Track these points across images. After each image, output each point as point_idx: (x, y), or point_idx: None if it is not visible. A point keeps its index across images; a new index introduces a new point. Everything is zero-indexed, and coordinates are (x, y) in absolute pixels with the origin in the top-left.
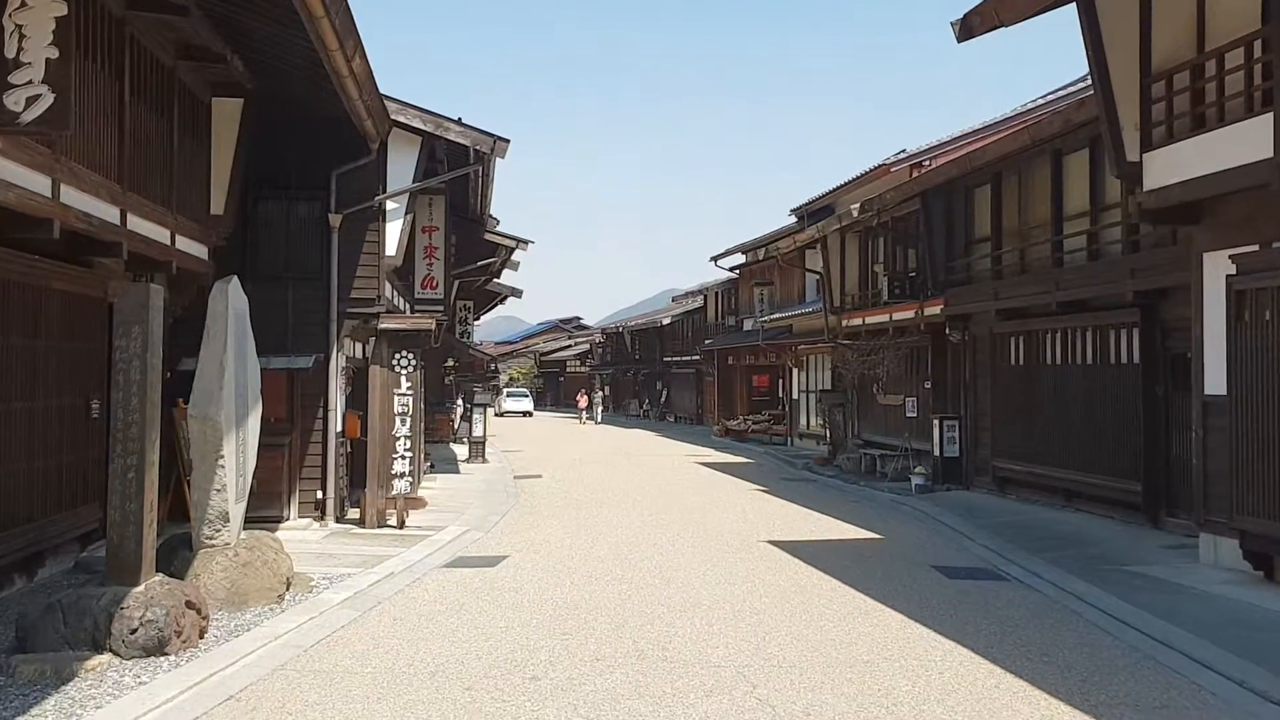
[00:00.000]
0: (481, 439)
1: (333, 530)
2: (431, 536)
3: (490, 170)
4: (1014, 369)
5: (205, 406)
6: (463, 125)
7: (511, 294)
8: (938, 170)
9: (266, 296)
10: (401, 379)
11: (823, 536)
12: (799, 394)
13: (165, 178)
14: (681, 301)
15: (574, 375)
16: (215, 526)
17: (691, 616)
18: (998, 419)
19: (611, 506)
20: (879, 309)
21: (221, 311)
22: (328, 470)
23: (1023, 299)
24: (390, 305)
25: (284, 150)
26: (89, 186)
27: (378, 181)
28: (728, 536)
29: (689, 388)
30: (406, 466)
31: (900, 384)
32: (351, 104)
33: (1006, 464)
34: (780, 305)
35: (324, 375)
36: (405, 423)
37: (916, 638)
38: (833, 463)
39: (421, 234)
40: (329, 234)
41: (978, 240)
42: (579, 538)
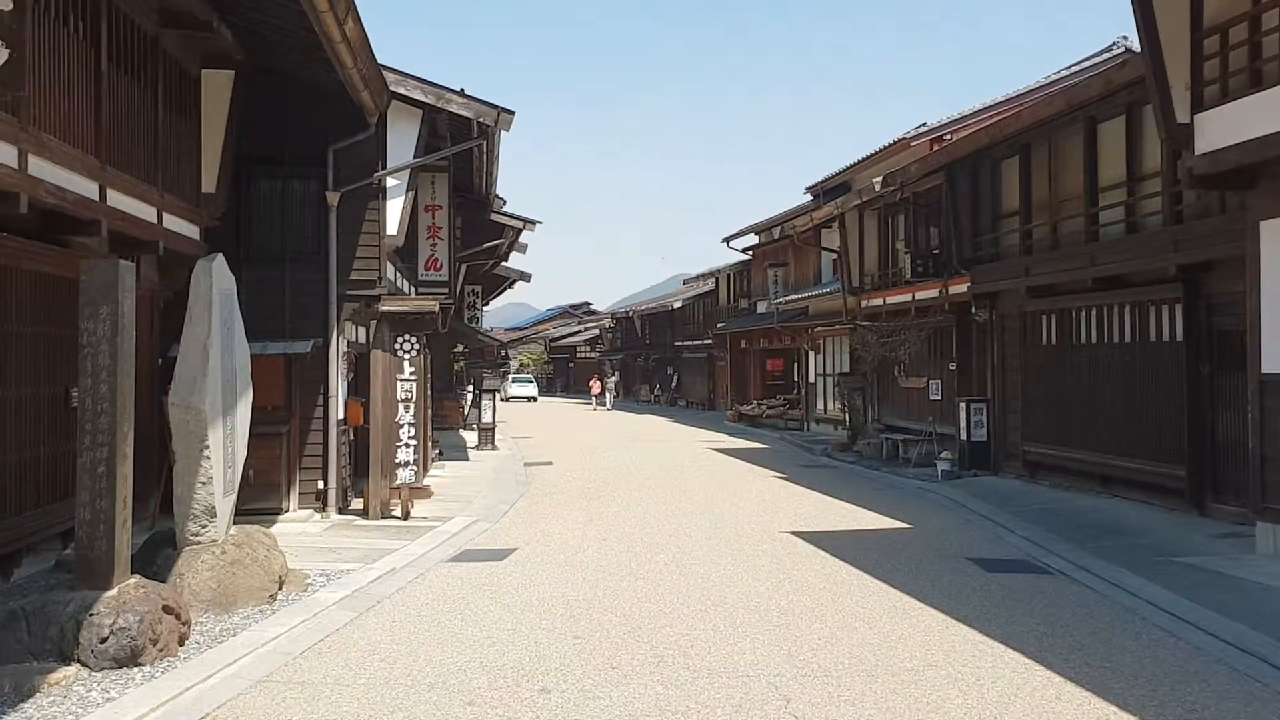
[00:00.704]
0: (491, 426)
1: (334, 522)
2: (437, 528)
3: (495, 145)
4: (1045, 349)
5: (188, 394)
6: (465, 97)
7: (520, 278)
8: (966, 140)
9: (263, 278)
10: (405, 364)
11: (848, 526)
12: (815, 377)
13: (150, 153)
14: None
15: (584, 361)
16: (201, 522)
17: (714, 617)
18: (1028, 401)
19: (624, 495)
20: (900, 288)
21: (205, 292)
22: (329, 459)
23: (1055, 275)
24: (393, 287)
25: (278, 125)
26: (62, 159)
27: (377, 157)
28: (747, 527)
29: (700, 372)
30: (411, 455)
31: (923, 366)
32: (346, 73)
33: (1037, 448)
34: (795, 287)
35: (324, 360)
36: (409, 409)
37: (961, 640)
38: (852, 448)
39: (424, 213)
40: (327, 213)
41: (1005, 215)
42: (591, 529)
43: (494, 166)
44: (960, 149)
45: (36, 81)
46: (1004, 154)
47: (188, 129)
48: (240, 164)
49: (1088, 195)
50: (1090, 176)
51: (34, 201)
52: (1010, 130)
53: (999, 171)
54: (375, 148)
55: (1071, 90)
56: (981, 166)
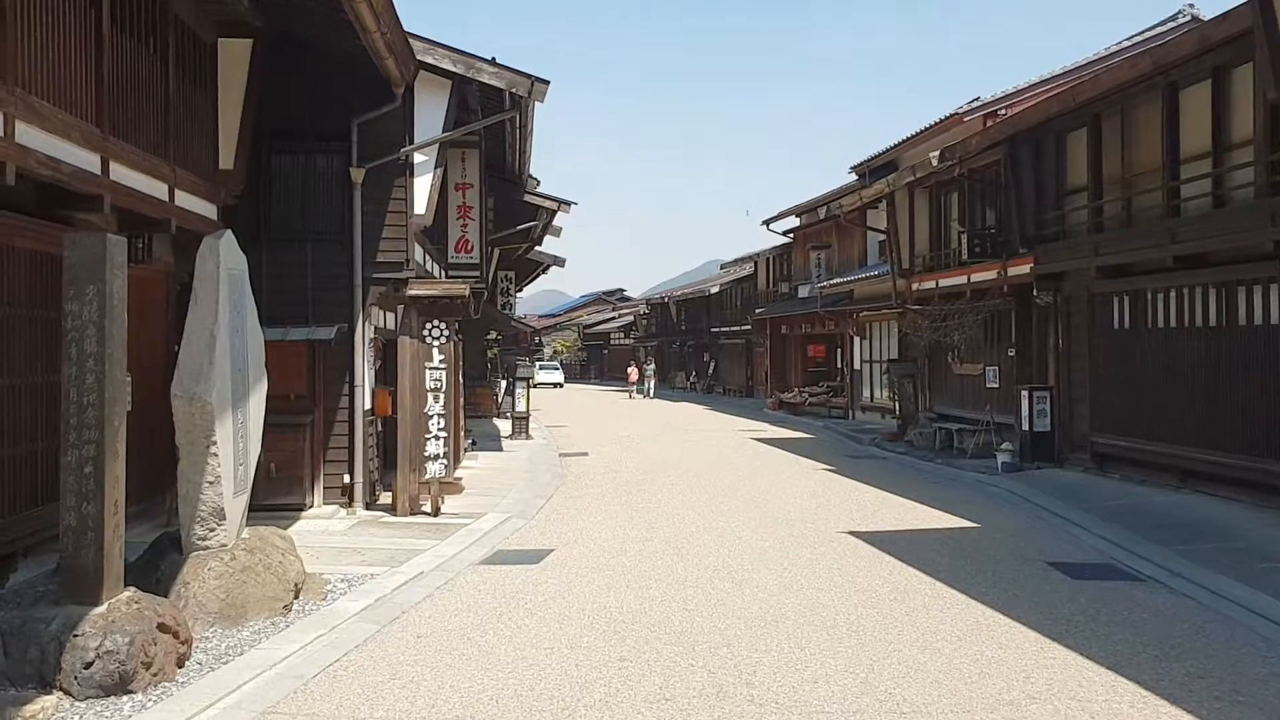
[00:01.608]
0: (525, 415)
1: (361, 519)
2: (469, 525)
3: (528, 119)
4: (1116, 333)
5: (192, 384)
6: (497, 66)
7: (554, 262)
8: (1033, 108)
9: (284, 260)
10: (434, 351)
11: (909, 525)
12: (861, 364)
13: (161, 125)
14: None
15: (618, 347)
16: (208, 525)
17: (775, 634)
18: (1096, 389)
19: (665, 489)
20: (955, 270)
21: (211, 272)
22: (355, 452)
23: (1128, 254)
24: (421, 270)
25: (300, 98)
26: (57, 127)
27: (404, 131)
28: (801, 526)
29: (739, 359)
30: (441, 448)
31: (979, 352)
32: (369, 38)
33: (1107, 439)
34: (839, 270)
35: (349, 347)
36: (439, 399)
37: (1062, 665)
38: (903, 438)
39: (454, 192)
40: (351, 190)
41: (1071, 191)
42: (632, 527)
43: (527, 142)
44: (1026, 119)
45: (25, 42)
46: (1070, 126)
47: (203, 101)
48: (260, 139)
49: (1166, 168)
50: (1170, 148)
51: (24, 172)
52: (1084, 97)
53: (1064, 145)
54: (402, 121)
55: (1159, 50)
56: (1045, 140)
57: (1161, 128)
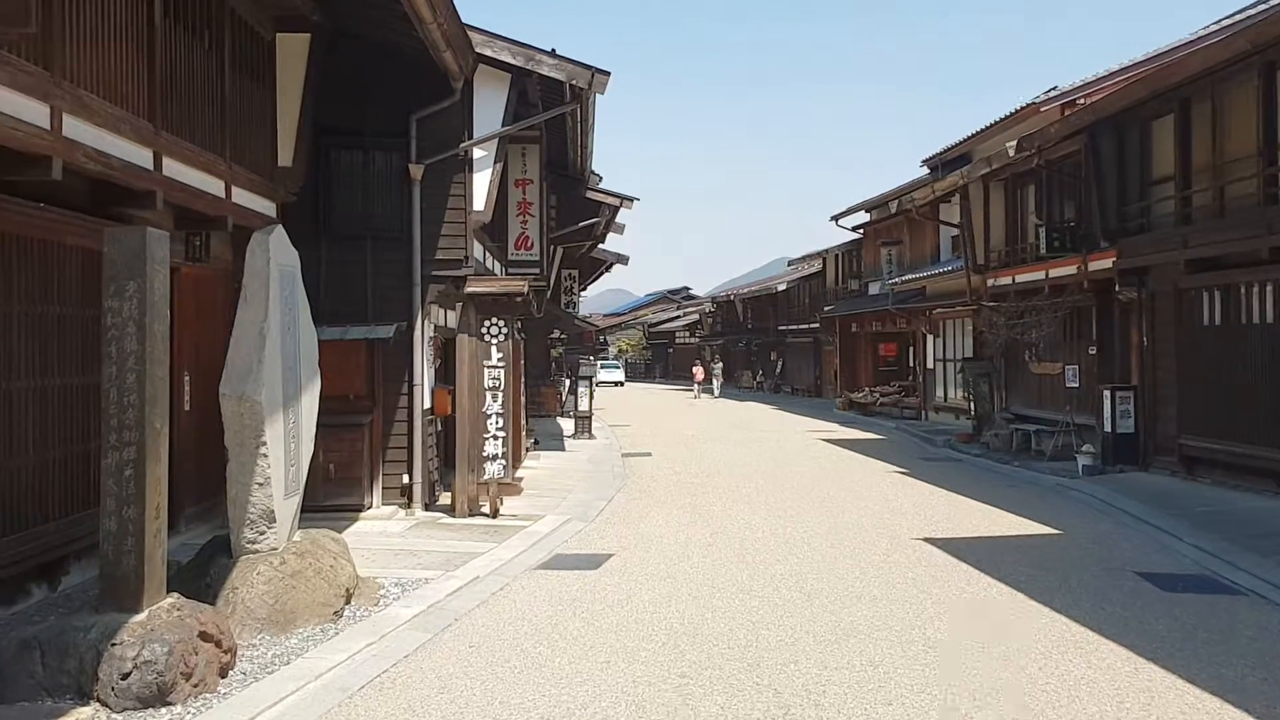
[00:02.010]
0: (587, 414)
1: (419, 520)
2: (527, 528)
3: (589, 112)
4: (1206, 330)
5: (241, 383)
6: (557, 57)
7: (618, 260)
8: (1118, 93)
9: (343, 259)
10: (492, 349)
11: (986, 531)
12: (934, 363)
13: (217, 121)
14: (798, 266)
15: (683, 346)
16: (258, 528)
17: (846, 651)
18: (1184, 389)
19: (730, 492)
20: (1032, 265)
21: (261, 268)
22: (414, 452)
23: (1221, 246)
24: (481, 268)
25: (358, 93)
26: (106, 121)
27: (463, 126)
28: (872, 532)
29: (806, 358)
30: (499, 448)
31: (1057, 350)
32: (426, 30)
33: (1196, 442)
34: (910, 266)
35: (408, 346)
36: (497, 399)
37: (1159, 688)
38: (978, 439)
39: (514, 188)
40: (410, 186)
41: (1157, 181)
42: (695, 531)
43: (588, 137)
44: (1110, 105)
45: (74, 34)
46: (1156, 112)
47: (261, 97)
48: (318, 136)
49: (1263, 154)
50: (1268, 132)
51: (72, 167)
52: (1174, 80)
53: (1149, 132)
54: (461, 116)
55: (1255, 28)
56: (1129, 128)
57: (1257, 111)
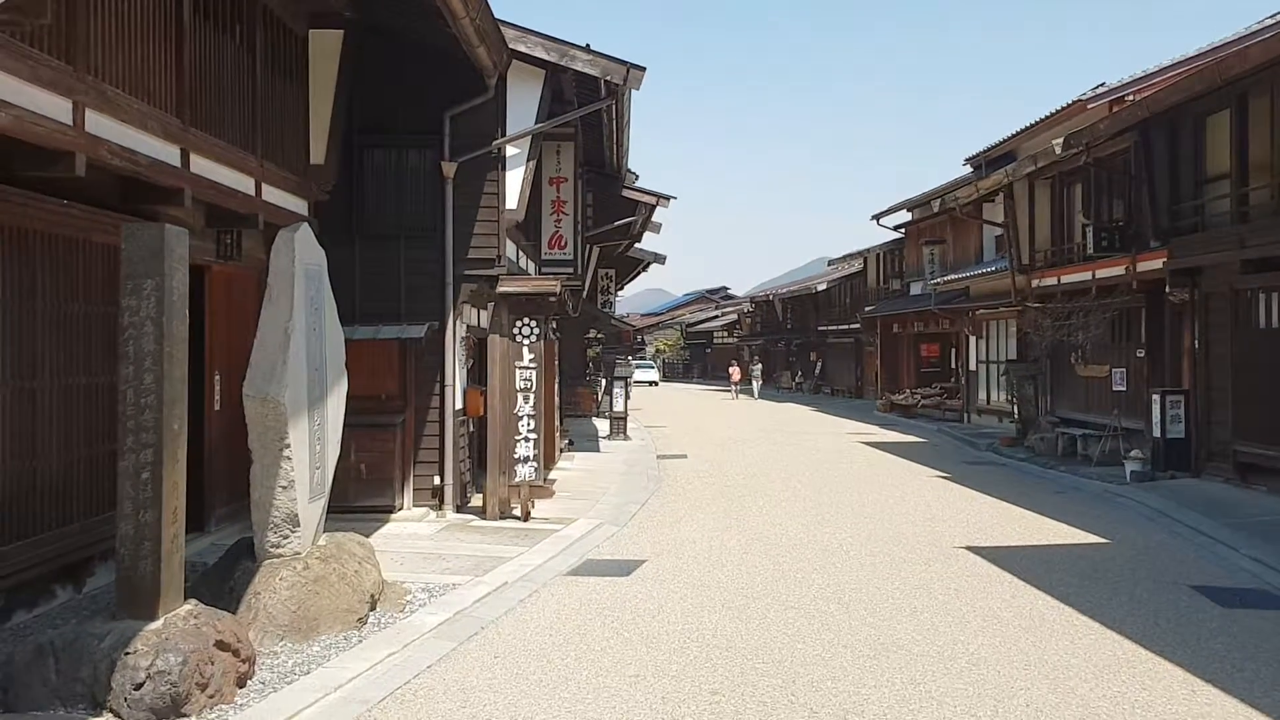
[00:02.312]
0: (623, 415)
1: (450, 522)
2: (559, 532)
3: (625, 109)
4: (1264, 333)
5: (264, 384)
6: (591, 53)
7: (655, 260)
8: (1172, 88)
9: (376, 257)
10: (524, 350)
11: (1033, 540)
12: (976, 365)
13: (247, 118)
14: (838, 266)
15: (721, 347)
16: (282, 532)
17: (885, 666)
18: (1239, 393)
19: (766, 496)
20: (1078, 265)
21: (285, 267)
22: (445, 453)
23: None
24: (514, 267)
25: (391, 90)
26: (131, 116)
27: (496, 124)
28: (913, 539)
29: (847, 359)
30: (531, 450)
31: (1105, 352)
32: (458, 24)
33: (1252, 448)
34: (954, 266)
35: (440, 346)
36: (529, 400)
37: (1219, 713)
38: (1023, 443)
39: (548, 186)
40: (443, 185)
41: (1211, 179)
42: (729, 537)
43: (624, 135)
44: (1163, 99)
45: (98, 27)
46: (1211, 108)
47: (293, 93)
48: (351, 133)
49: None
50: None
51: (96, 163)
52: (1233, 72)
53: (1203, 129)
54: (494, 113)
55: None
56: (1182, 124)
57: None
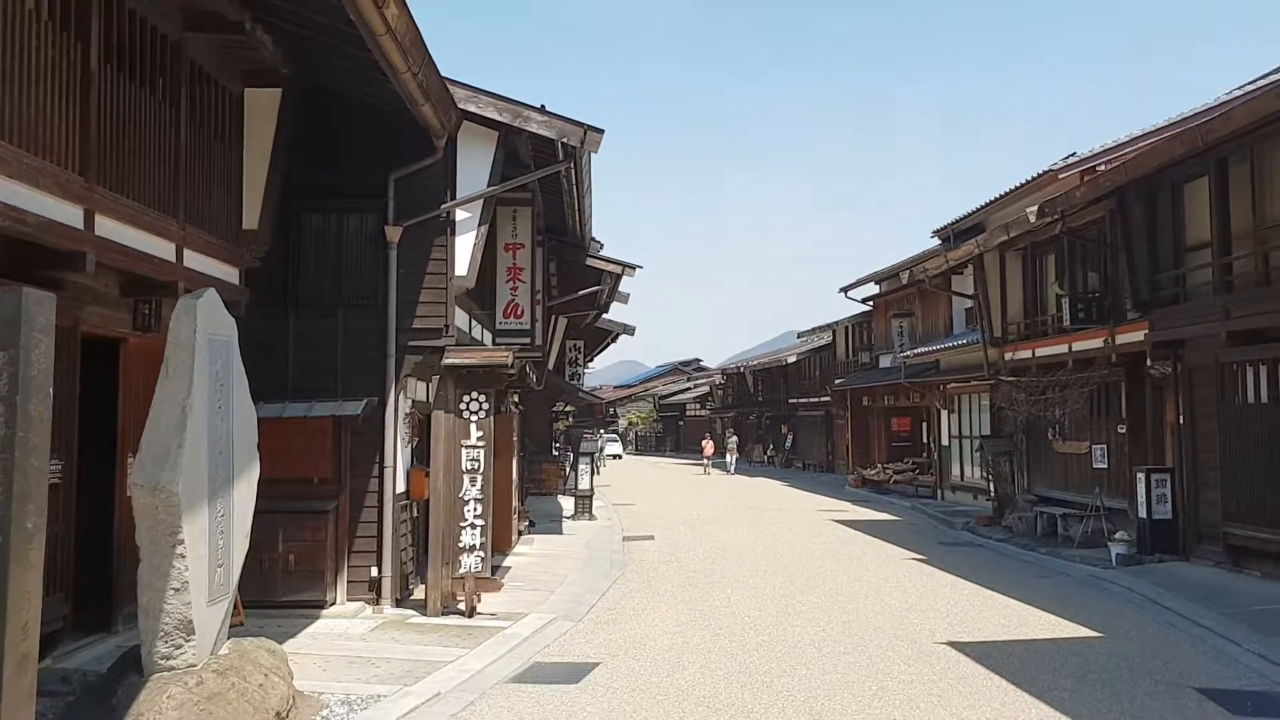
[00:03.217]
0: (588, 493)
1: (387, 619)
2: (506, 629)
3: (583, 174)
4: (1252, 408)
5: (156, 471)
6: (546, 114)
7: (623, 331)
8: (1150, 152)
9: (313, 328)
10: (471, 427)
11: (1019, 634)
12: (949, 439)
13: (169, 179)
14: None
15: (693, 419)
16: (174, 641)
17: None
18: (1228, 472)
19: (735, 583)
20: (1054, 338)
21: (186, 338)
22: (384, 541)
23: (1268, 317)
24: (465, 337)
25: (333, 152)
26: (23, 174)
27: (445, 186)
28: (891, 634)
29: (818, 432)
30: (477, 538)
31: (1083, 428)
32: (400, 80)
33: (1244, 529)
34: (923, 339)
35: (380, 423)
36: (476, 482)
37: None
38: (1000, 523)
39: (504, 252)
40: (386, 250)
41: (1191, 248)
42: (693, 633)
43: (585, 200)
44: (1141, 165)
45: None
46: (1189, 174)
47: (225, 154)
48: (289, 196)
49: None
50: None
51: None
52: (1217, 134)
53: (1181, 196)
54: (443, 175)
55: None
56: (1159, 191)
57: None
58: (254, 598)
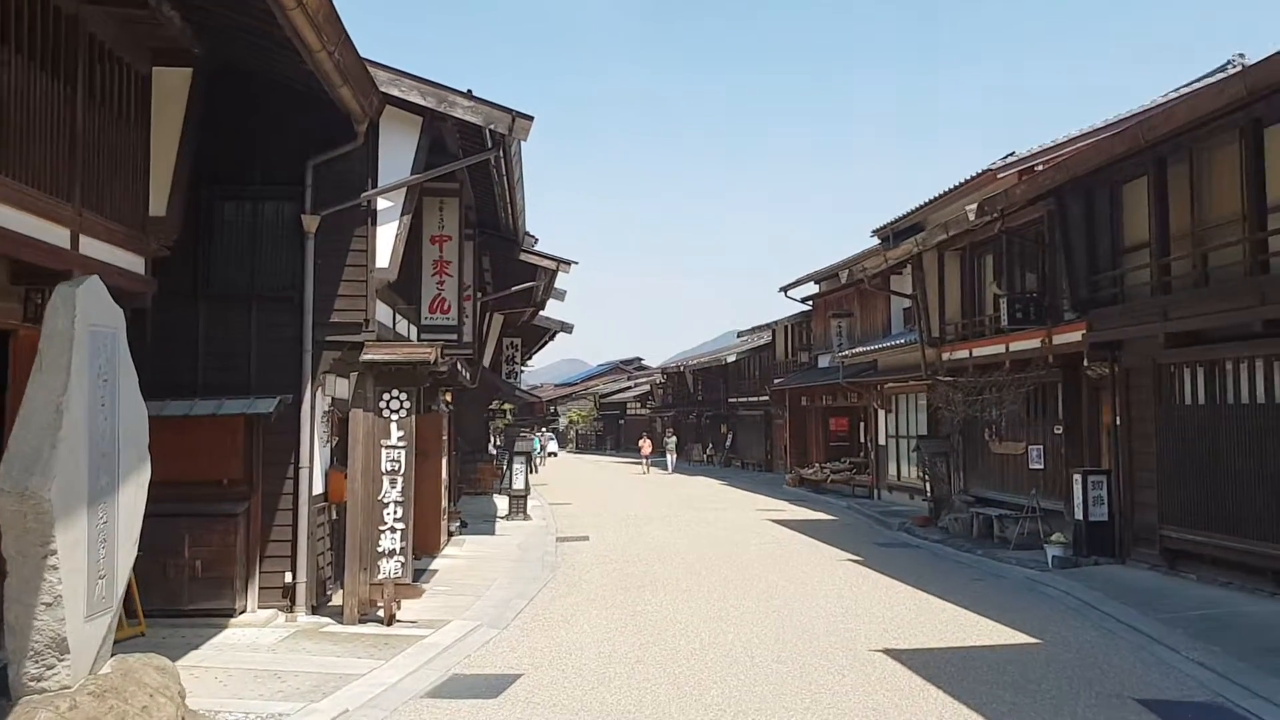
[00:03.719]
0: (522, 493)
1: (300, 628)
2: (426, 638)
3: (513, 164)
4: (1189, 410)
5: (24, 476)
6: (474, 99)
7: (561, 329)
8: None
9: (224, 321)
10: (391, 426)
11: (957, 640)
12: (886, 439)
13: (64, 162)
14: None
15: (634, 418)
16: (45, 660)
17: None
18: (1165, 474)
19: (669, 585)
20: (991, 339)
21: (63, 329)
22: (298, 545)
23: (1205, 319)
24: (389, 332)
25: (248, 136)
26: None
27: (367, 174)
28: (826, 640)
29: (757, 431)
30: (397, 542)
31: (1021, 428)
32: (315, 59)
33: (1180, 533)
34: (861, 339)
35: (295, 422)
36: (396, 484)
37: None
38: (936, 524)
39: (430, 245)
40: (304, 240)
41: (1130, 248)
42: (623, 640)
43: (515, 193)
44: (1083, 162)
45: None
46: (1128, 174)
47: (129, 137)
48: (200, 182)
49: (1251, 218)
50: (1254, 194)
51: None
52: (1159, 131)
53: (1120, 197)
54: (365, 163)
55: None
56: (1098, 191)
57: (1244, 171)
58: (159, 606)
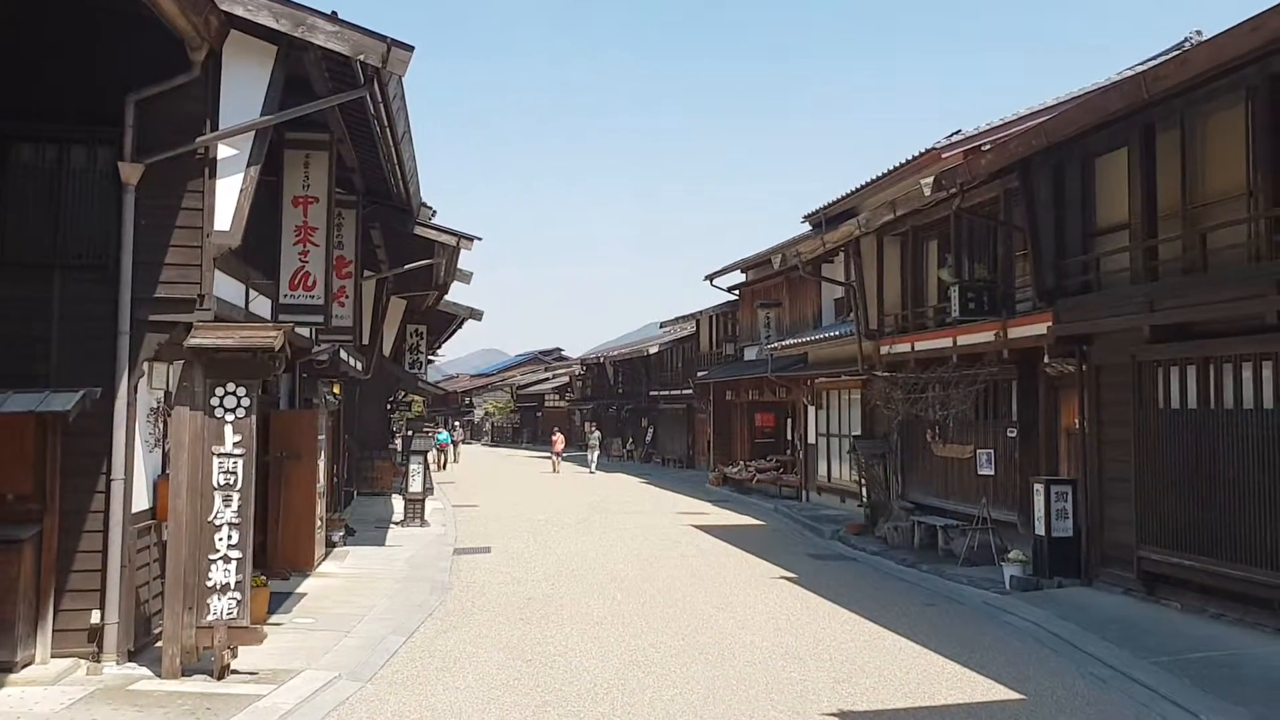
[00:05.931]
0: (420, 497)
1: (103, 684)
2: (264, 700)
3: (393, 109)
4: (1175, 414)
5: None
6: (339, 23)
7: (470, 315)
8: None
9: (16, 296)
10: (226, 430)
11: (923, 697)
12: (816, 438)
13: None
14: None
15: (552, 410)
16: None
17: None
18: (1143, 487)
19: (577, 617)
20: (937, 331)
21: None
22: (109, 577)
23: (1199, 310)
24: (241, 312)
25: (51, 63)
26: None
27: (205, 114)
28: (768, 699)
29: (679, 426)
30: (232, 575)
31: (969, 430)
32: None
33: (1161, 555)
34: (790, 330)
35: (107, 422)
36: (231, 502)
37: None
38: (874, 532)
39: (292, 207)
40: (122, 194)
41: (1106, 230)
42: (513, 703)
43: (401, 149)
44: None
45: None
46: (1104, 146)
47: None
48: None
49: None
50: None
51: None
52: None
53: (1092, 171)
54: (203, 100)
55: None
56: (1068, 166)
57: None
58: None
